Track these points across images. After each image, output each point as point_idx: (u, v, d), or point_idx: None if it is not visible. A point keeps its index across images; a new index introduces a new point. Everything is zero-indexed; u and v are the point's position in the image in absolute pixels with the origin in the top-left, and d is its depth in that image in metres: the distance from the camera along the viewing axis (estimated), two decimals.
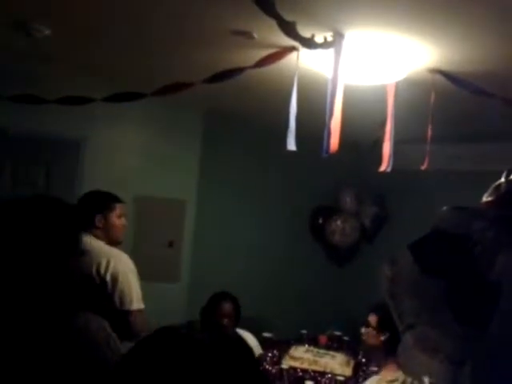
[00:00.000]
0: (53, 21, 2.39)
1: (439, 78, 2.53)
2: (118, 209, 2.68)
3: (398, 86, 2.61)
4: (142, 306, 2.55)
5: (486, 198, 1.02)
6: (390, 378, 2.51)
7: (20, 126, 3.37)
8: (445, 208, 1.15)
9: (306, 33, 2.07)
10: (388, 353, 2.61)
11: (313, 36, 1.94)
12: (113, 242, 2.66)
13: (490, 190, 1.01)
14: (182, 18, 2.18)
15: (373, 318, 2.71)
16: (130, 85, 2.64)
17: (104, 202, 2.65)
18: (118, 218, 2.68)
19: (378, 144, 2.87)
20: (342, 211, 4.91)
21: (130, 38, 2.51)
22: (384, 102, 2.67)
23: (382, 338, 2.66)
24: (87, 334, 1.16)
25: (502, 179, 1.01)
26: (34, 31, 2.48)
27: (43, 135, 3.50)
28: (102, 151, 3.80)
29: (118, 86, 2.67)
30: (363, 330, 2.75)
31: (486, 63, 2.40)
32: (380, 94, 2.70)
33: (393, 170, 2.75)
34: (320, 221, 5.01)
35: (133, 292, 2.48)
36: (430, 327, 0.93)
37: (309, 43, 1.92)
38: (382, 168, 2.67)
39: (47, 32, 2.49)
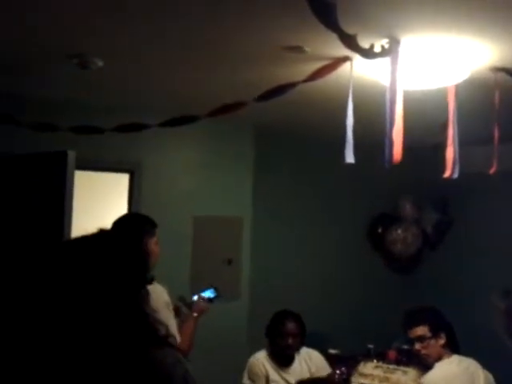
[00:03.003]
0: (105, 53, 2.45)
1: (502, 76, 2.40)
2: (156, 235, 2.51)
3: (459, 87, 2.49)
4: (176, 339, 2.31)
5: None
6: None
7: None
8: None
9: (361, 42, 2.01)
10: (453, 350, 2.65)
11: (372, 46, 1.87)
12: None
13: None
14: (231, 36, 2.17)
15: (418, 330, 2.68)
16: (182, 108, 2.65)
17: (143, 226, 2.46)
18: (156, 245, 2.51)
19: (438, 148, 2.75)
20: (403, 219, 4.75)
21: (181, 59, 2.53)
22: (441, 105, 2.55)
23: (442, 342, 2.62)
24: (164, 367, 1.14)
25: None
26: (89, 63, 2.54)
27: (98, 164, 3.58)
28: (158, 175, 3.85)
29: (170, 111, 2.69)
30: (417, 346, 2.68)
31: None
32: (438, 97, 2.59)
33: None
34: (379, 230, 4.87)
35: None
36: None
37: (368, 53, 1.86)
38: (447, 174, 2.55)
39: (100, 64, 2.55)
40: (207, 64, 2.57)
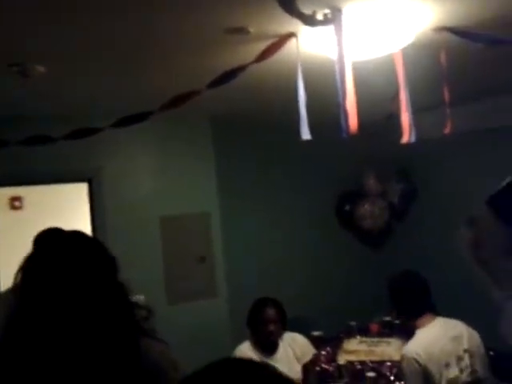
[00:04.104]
0: (45, 58, 2.35)
1: (447, 36, 2.42)
2: None
3: (406, 52, 2.50)
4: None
5: None
6: None
7: (27, 170, 3.35)
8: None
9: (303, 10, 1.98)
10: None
11: (314, 12, 1.85)
12: None
13: None
14: (174, 26, 2.11)
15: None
16: (133, 108, 2.57)
17: None
18: None
19: (392, 118, 2.77)
20: (368, 194, 4.79)
21: (120, 56, 2.45)
22: (391, 74, 2.56)
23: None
24: (152, 355, 1.15)
25: None
26: (30, 70, 2.43)
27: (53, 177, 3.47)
28: (119, 179, 3.76)
29: (122, 113, 2.61)
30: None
31: (493, 11, 2.27)
32: (387, 66, 2.59)
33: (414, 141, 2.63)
34: (347, 207, 4.90)
35: None
36: None
37: (311, 20, 1.83)
38: (404, 140, 2.56)
39: (42, 69, 2.45)
40: (151, 58, 2.50)
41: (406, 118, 2.56)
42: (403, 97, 2.54)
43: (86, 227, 3.63)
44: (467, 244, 0.90)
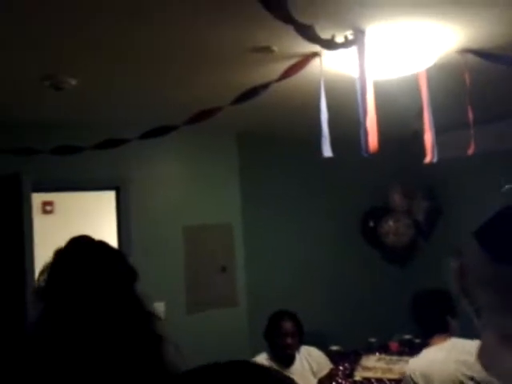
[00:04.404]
0: (76, 72, 2.46)
1: (470, 58, 2.43)
2: None
3: (430, 73, 2.51)
4: None
5: None
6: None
7: (58, 177, 3.47)
8: (507, 186, 1.06)
9: (324, 35, 2.03)
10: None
11: (333, 37, 1.89)
12: None
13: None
14: (198, 43, 2.18)
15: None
16: (160, 121, 2.66)
17: None
18: None
19: (418, 136, 2.77)
20: (393, 211, 4.77)
21: (151, 71, 2.55)
22: (416, 92, 2.58)
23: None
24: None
25: None
26: (62, 83, 2.55)
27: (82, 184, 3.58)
28: (146, 188, 3.86)
29: (148, 126, 2.70)
30: None
31: None
32: (412, 85, 2.61)
33: (439, 159, 2.64)
34: (371, 224, 4.88)
35: None
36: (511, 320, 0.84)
37: (330, 45, 1.88)
38: (427, 160, 2.57)
39: (74, 83, 2.56)
40: (178, 73, 2.59)
41: (429, 137, 2.57)
42: (427, 116, 2.56)
43: (113, 233, 3.74)
44: (454, 274, 0.93)
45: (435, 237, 4.79)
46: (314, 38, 1.75)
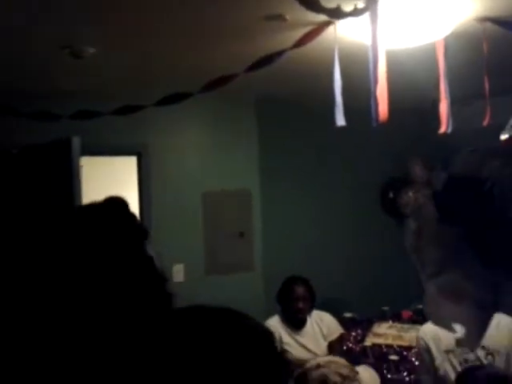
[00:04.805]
0: (95, 40, 2.52)
1: (489, 26, 2.38)
2: None
3: (447, 41, 2.48)
4: None
5: (502, 137, 0.95)
6: None
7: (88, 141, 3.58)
8: (461, 153, 1.10)
9: (344, 6, 2.03)
10: None
11: (338, 6, 1.89)
12: None
13: (507, 127, 0.94)
14: (212, 12, 2.21)
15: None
16: (177, 88, 2.71)
17: None
18: None
19: (436, 106, 2.75)
20: (413, 182, 4.74)
21: (170, 42, 2.58)
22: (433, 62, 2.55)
23: None
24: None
25: None
26: (81, 51, 2.61)
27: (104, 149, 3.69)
28: (166, 154, 3.94)
29: (165, 92, 2.75)
30: None
31: None
32: (432, 54, 2.58)
33: (457, 129, 2.62)
34: (391, 195, 4.87)
35: None
36: (453, 274, 0.90)
37: (336, 14, 1.88)
38: (442, 130, 2.56)
39: (92, 51, 2.62)
40: (194, 43, 2.62)
41: (444, 107, 2.56)
42: (443, 86, 2.54)
43: (134, 198, 3.86)
44: (411, 233, 0.98)
45: None
46: (317, 7, 1.75)
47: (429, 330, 2.44)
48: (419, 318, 3.75)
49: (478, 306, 0.88)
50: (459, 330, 1.00)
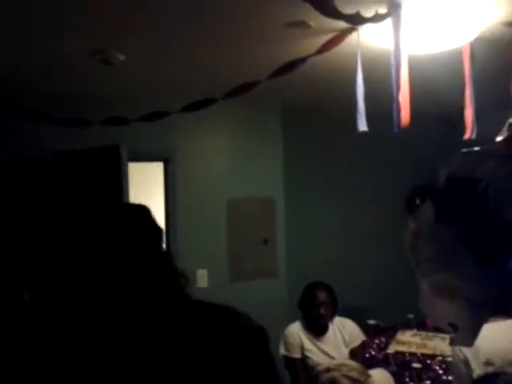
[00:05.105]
0: (125, 48, 2.59)
1: None
2: None
3: (473, 46, 2.45)
4: None
5: (499, 138, 0.95)
6: None
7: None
8: (456, 154, 1.11)
9: (366, 11, 2.04)
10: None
11: (358, 12, 1.90)
12: None
13: (504, 129, 0.94)
14: (237, 20, 2.25)
15: None
16: (203, 94, 2.76)
17: None
18: None
19: (461, 112, 2.73)
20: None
21: (196, 48, 2.64)
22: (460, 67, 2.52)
23: None
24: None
25: None
26: (111, 58, 2.69)
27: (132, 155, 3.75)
28: (192, 160, 4.00)
29: (191, 99, 2.80)
30: None
31: None
32: (458, 59, 2.56)
33: (485, 138, 2.59)
34: (418, 201, 4.82)
35: None
36: (446, 273, 0.90)
37: (356, 20, 1.89)
38: (466, 136, 2.53)
39: (122, 58, 2.70)
40: (219, 49, 2.66)
41: (469, 114, 2.53)
42: (468, 92, 2.51)
43: (161, 204, 3.92)
44: (410, 234, 0.99)
45: None
46: (336, 13, 1.77)
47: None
48: None
49: (471, 306, 0.89)
50: (455, 329, 1.00)
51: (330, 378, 1.62)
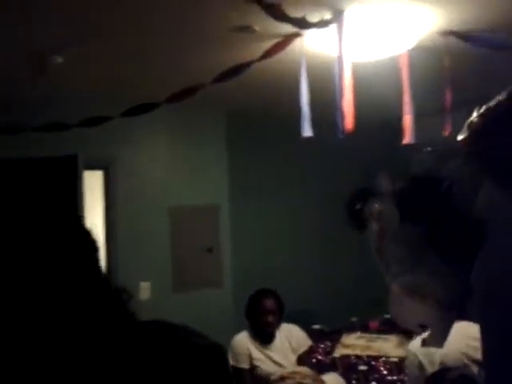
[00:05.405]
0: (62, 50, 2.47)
1: (452, 40, 2.45)
2: None
3: (412, 55, 2.53)
4: None
5: (460, 137, 0.98)
6: None
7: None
8: (419, 154, 1.13)
9: (311, 17, 2.05)
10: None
11: (304, 16, 1.91)
12: None
13: (464, 128, 0.97)
14: (182, 23, 2.20)
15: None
16: (146, 100, 2.68)
17: None
18: None
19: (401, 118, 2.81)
20: (379, 193, 4.82)
21: (135, 50, 2.56)
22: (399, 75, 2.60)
23: None
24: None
25: (474, 115, 0.96)
26: (48, 60, 2.55)
27: None
28: (133, 168, 3.87)
29: (133, 104, 2.71)
30: None
31: (498, 17, 2.30)
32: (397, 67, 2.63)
33: (423, 143, 2.68)
34: (358, 206, 4.94)
35: None
36: (417, 273, 0.91)
37: (302, 24, 1.90)
38: (405, 141, 2.61)
39: (60, 60, 2.57)
40: (163, 58, 2.60)
41: (407, 120, 2.61)
42: (406, 99, 2.59)
43: (100, 213, 3.77)
44: (374, 235, 0.99)
45: None
46: (283, 16, 1.77)
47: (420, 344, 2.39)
48: (386, 328, 3.78)
49: (441, 306, 0.90)
50: (424, 330, 1.01)
51: None
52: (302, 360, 3.03)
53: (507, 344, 0.78)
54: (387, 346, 3.33)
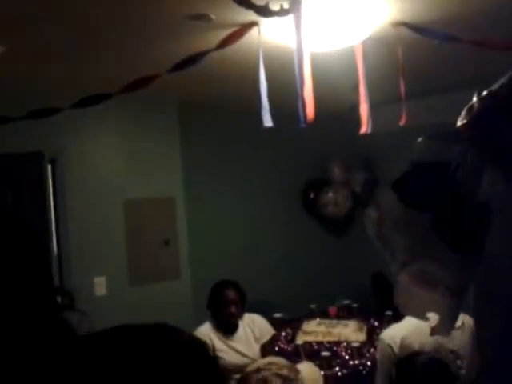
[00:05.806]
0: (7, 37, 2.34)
1: (404, 31, 2.50)
2: None
3: (366, 45, 2.57)
4: None
5: (460, 122, 0.99)
6: None
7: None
8: (419, 139, 1.15)
9: (272, 6, 2.03)
10: None
11: (267, 4, 1.90)
12: None
13: (463, 113, 0.99)
14: (135, 10, 2.13)
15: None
16: (97, 91, 2.58)
17: None
18: None
19: (355, 109, 2.85)
20: (332, 182, 4.90)
21: (89, 42, 2.46)
22: (354, 65, 2.63)
23: None
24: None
25: (474, 99, 0.99)
26: None
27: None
28: (84, 161, 3.75)
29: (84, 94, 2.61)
30: None
31: (450, 9, 2.37)
32: (352, 58, 2.66)
33: (375, 132, 2.73)
34: (312, 195, 5.00)
35: None
36: (425, 261, 0.92)
37: (264, 11, 1.88)
38: (362, 131, 2.65)
39: (1, 49, 2.43)
40: (115, 43, 2.51)
41: (364, 109, 2.65)
42: (362, 89, 2.63)
43: (49, 207, 3.63)
44: (372, 223, 1.00)
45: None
46: (247, 3, 1.75)
47: (399, 337, 2.38)
48: (345, 314, 3.88)
49: (450, 293, 0.91)
50: (433, 318, 1.03)
51: (261, 378, 1.60)
52: (266, 349, 3.06)
53: (508, 340, 0.80)
54: (347, 331, 3.42)
